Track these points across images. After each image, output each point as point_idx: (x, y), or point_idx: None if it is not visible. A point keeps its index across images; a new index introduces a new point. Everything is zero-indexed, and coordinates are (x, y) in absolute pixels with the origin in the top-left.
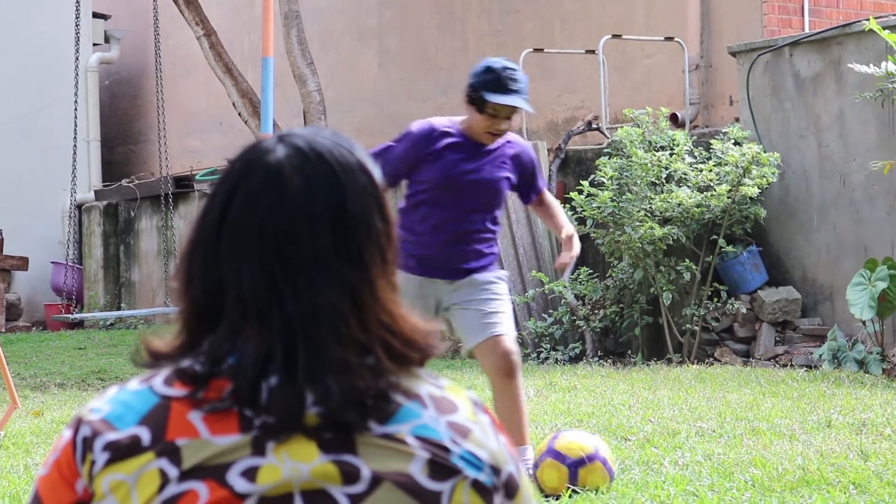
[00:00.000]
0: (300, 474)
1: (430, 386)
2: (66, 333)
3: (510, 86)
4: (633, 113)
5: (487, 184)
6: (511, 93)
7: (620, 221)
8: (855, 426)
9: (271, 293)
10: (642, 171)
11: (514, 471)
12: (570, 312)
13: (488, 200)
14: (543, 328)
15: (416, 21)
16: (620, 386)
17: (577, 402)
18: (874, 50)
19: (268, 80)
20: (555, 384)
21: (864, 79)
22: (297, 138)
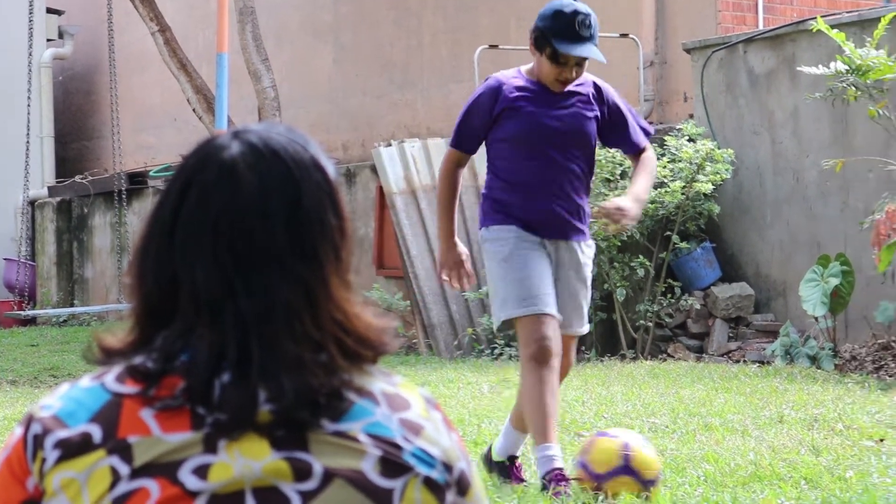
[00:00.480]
0: (252, 471)
1: (383, 383)
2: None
3: (582, 32)
4: None
5: (571, 134)
6: (582, 41)
7: None
8: (807, 421)
9: (225, 290)
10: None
11: (465, 468)
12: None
13: (575, 150)
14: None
15: (372, 17)
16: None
17: None
18: (827, 47)
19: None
20: (509, 380)
21: (817, 77)
22: (251, 134)
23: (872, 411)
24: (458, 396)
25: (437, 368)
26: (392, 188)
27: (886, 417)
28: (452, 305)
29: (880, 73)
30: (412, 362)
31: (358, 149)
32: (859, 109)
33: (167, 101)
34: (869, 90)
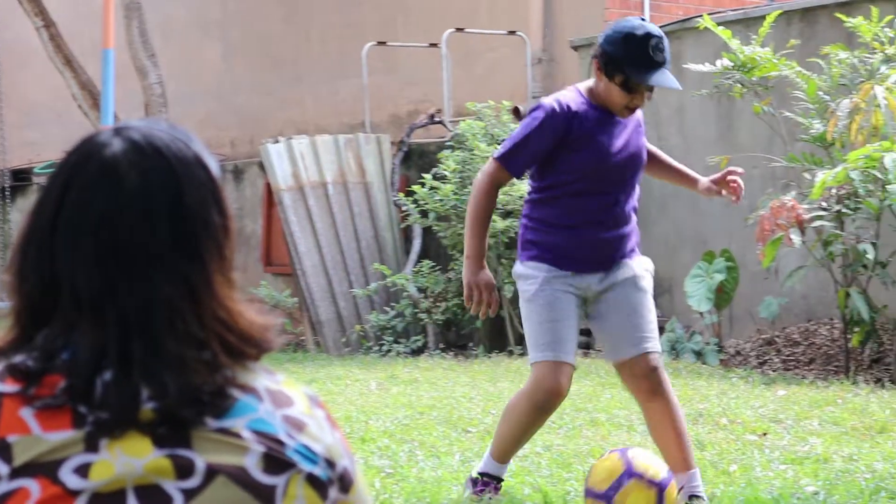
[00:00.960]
0: (133, 469)
1: (266, 380)
2: None
3: (656, 57)
4: (476, 106)
5: (635, 158)
6: (656, 66)
7: (463, 214)
8: (692, 416)
9: (106, 289)
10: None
11: (348, 465)
12: (412, 305)
13: (635, 175)
14: (385, 321)
15: (260, 13)
16: (462, 378)
17: (418, 395)
18: (713, 45)
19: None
20: (396, 377)
21: (703, 74)
22: (133, 132)
23: (756, 406)
24: (345, 393)
25: (324, 365)
26: (280, 185)
27: (769, 412)
28: (340, 302)
29: (765, 70)
30: (300, 359)
31: (246, 145)
32: (744, 107)
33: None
34: (754, 87)
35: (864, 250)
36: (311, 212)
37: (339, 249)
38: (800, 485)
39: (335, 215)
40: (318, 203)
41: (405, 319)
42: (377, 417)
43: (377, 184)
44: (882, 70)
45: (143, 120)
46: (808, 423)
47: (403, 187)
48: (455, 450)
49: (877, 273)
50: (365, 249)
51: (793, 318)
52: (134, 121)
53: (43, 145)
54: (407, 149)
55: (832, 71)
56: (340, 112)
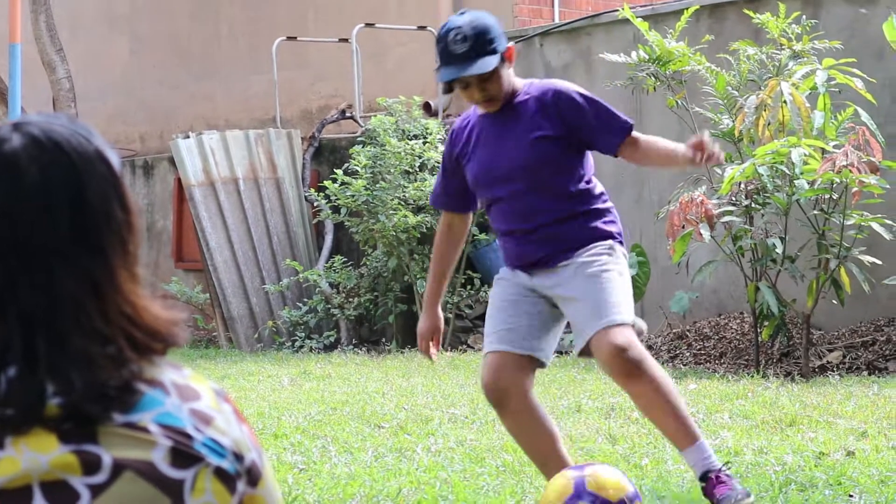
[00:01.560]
0: (39, 465)
1: (172, 374)
2: None
3: (455, 50)
4: (387, 101)
5: (529, 154)
6: (455, 60)
7: (374, 210)
8: (604, 411)
9: (8, 286)
10: (396, 160)
11: (256, 458)
12: (324, 301)
13: (537, 170)
14: (298, 317)
15: (169, 8)
16: (375, 374)
17: (331, 391)
18: (622, 40)
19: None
20: (309, 373)
21: (613, 68)
22: (32, 127)
23: None
24: (258, 389)
25: (237, 361)
26: (190, 180)
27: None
28: (252, 298)
29: (680, 63)
30: (212, 355)
31: (156, 140)
32: (654, 101)
33: None
34: (668, 81)
35: (773, 245)
36: (223, 207)
37: (251, 245)
38: None
39: (247, 211)
40: (229, 199)
41: (318, 315)
42: (290, 413)
43: (288, 179)
44: (789, 66)
45: (42, 114)
46: (719, 416)
47: (315, 183)
48: (368, 445)
49: (785, 267)
50: (277, 245)
51: (703, 312)
52: (33, 115)
53: None
54: (318, 144)
55: (741, 67)
56: (251, 107)
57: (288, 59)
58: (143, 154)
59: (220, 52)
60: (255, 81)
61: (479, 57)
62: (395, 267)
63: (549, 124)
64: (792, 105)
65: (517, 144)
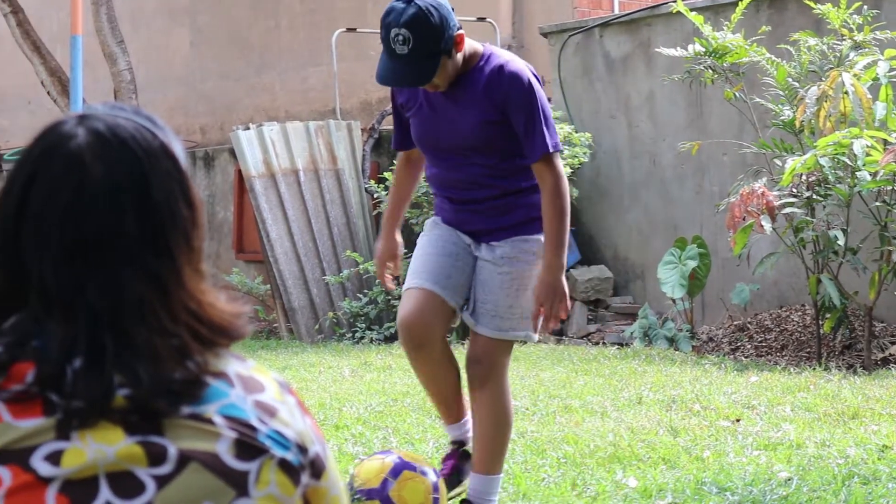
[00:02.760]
0: (105, 456)
1: (236, 366)
2: None
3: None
4: None
5: (463, 138)
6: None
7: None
8: (665, 402)
9: (75, 285)
10: None
11: (320, 451)
12: (384, 292)
13: (476, 153)
14: (358, 308)
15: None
16: None
17: (391, 382)
18: (682, 31)
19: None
20: (370, 364)
21: (672, 60)
22: (97, 121)
23: (729, 392)
24: (319, 380)
25: (298, 353)
26: (251, 172)
27: (742, 398)
28: (313, 289)
29: (737, 56)
30: (273, 347)
31: (216, 132)
32: (714, 93)
33: (21, 83)
34: (725, 73)
35: (835, 237)
36: (283, 199)
37: (311, 236)
38: (773, 471)
39: (307, 202)
40: (289, 190)
41: (378, 307)
42: (351, 404)
43: (348, 170)
44: (850, 57)
45: (107, 105)
46: (781, 409)
47: (375, 174)
48: (429, 437)
49: (847, 259)
50: (337, 236)
51: (764, 304)
52: (98, 106)
53: (12, 132)
54: (378, 135)
55: (801, 58)
56: (311, 99)
57: (347, 50)
58: (203, 146)
59: (280, 44)
60: (314, 73)
61: (417, 61)
62: None
63: (493, 109)
64: (853, 96)
65: (460, 121)
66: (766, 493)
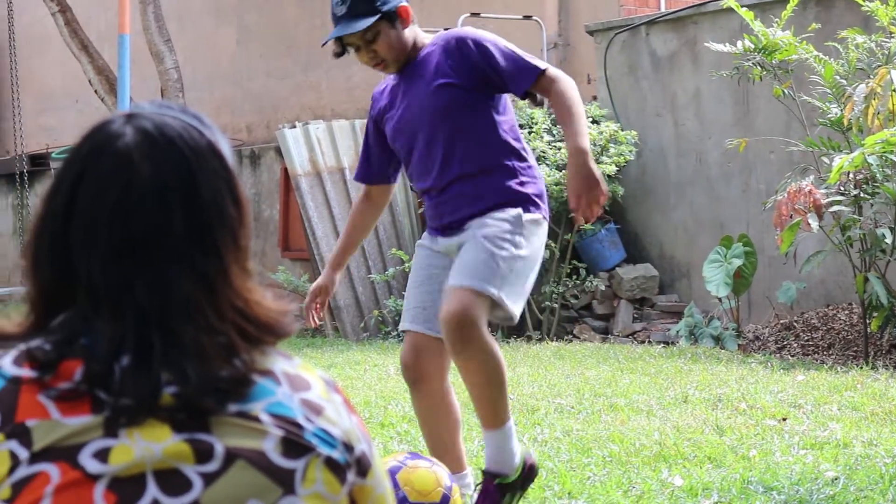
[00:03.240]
0: (153, 454)
1: (283, 364)
2: None
3: (336, 13)
4: None
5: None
6: (336, 23)
7: None
8: (711, 401)
9: (123, 283)
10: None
11: (366, 449)
12: None
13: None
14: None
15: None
16: None
17: None
18: (728, 29)
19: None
20: None
21: (719, 57)
22: (145, 120)
23: (775, 391)
24: (364, 378)
25: (343, 351)
26: (297, 170)
27: (789, 397)
28: (358, 288)
29: (786, 53)
30: (318, 344)
31: (262, 130)
32: (761, 91)
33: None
34: (774, 70)
35: (882, 235)
36: (329, 197)
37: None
38: (820, 470)
39: (353, 200)
40: (335, 188)
41: None
42: (396, 402)
43: None
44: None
45: (154, 104)
46: (828, 407)
47: None
48: (475, 435)
49: (895, 258)
50: (382, 235)
51: (811, 302)
52: (146, 105)
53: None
54: None
55: (849, 55)
56: (356, 97)
57: None
58: (249, 144)
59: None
60: (359, 71)
61: (356, 18)
62: None
63: (454, 72)
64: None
65: (423, 93)
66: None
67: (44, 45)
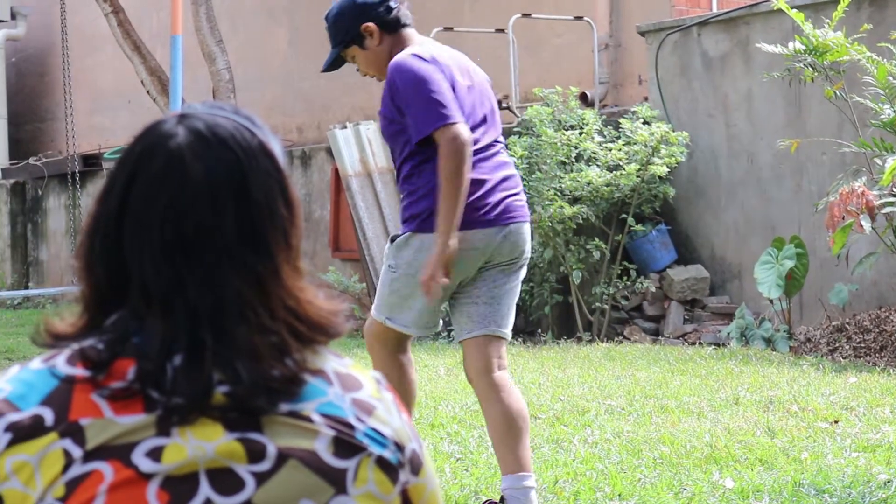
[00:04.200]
0: (205, 453)
1: (334, 363)
2: None
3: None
4: (543, 92)
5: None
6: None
7: (531, 200)
8: (762, 403)
9: (175, 283)
10: (552, 151)
11: (417, 448)
12: None
13: (389, 140)
14: None
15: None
16: (531, 364)
17: None
18: (780, 30)
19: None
20: None
21: (770, 58)
22: (197, 120)
23: (827, 393)
24: None
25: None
26: (348, 170)
27: (840, 399)
28: None
29: (837, 54)
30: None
31: (313, 131)
32: (813, 92)
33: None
34: (826, 71)
35: None
36: (379, 197)
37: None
38: (872, 473)
39: None
40: (385, 188)
41: None
42: (446, 403)
43: None
44: None
45: (206, 104)
46: (880, 410)
47: None
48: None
49: None
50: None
51: (863, 304)
52: (198, 105)
53: (112, 131)
54: None
55: None
56: None
57: None
58: (300, 144)
59: None
60: None
61: (334, 47)
62: (551, 258)
63: (385, 101)
64: None
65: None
66: (864, 496)
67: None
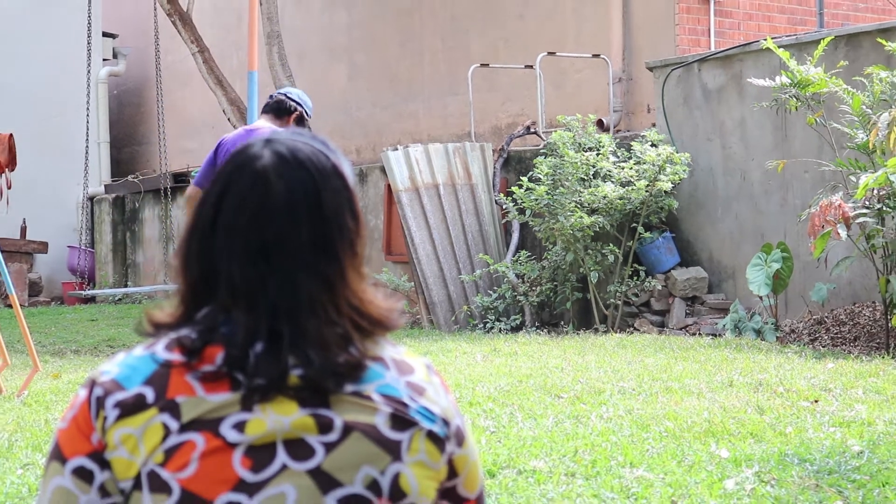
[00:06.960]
0: (282, 426)
1: (391, 351)
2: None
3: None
4: (566, 119)
5: None
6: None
7: (554, 211)
8: (752, 385)
9: (258, 283)
10: (573, 169)
11: (461, 424)
12: (511, 289)
13: None
14: (489, 302)
15: (381, 40)
16: (554, 351)
17: (517, 365)
18: (769, 66)
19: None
20: (499, 350)
21: (760, 90)
22: (281, 145)
23: (808, 376)
24: (455, 364)
25: (437, 340)
26: (399, 186)
27: (820, 382)
28: (450, 286)
29: (818, 87)
30: (416, 335)
31: (369, 153)
32: (797, 119)
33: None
34: (808, 101)
35: None
36: (426, 209)
37: (450, 241)
38: (847, 445)
39: (446, 212)
40: (431, 202)
41: (505, 301)
42: (482, 385)
43: (481, 185)
44: None
45: (288, 131)
46: (854, 391)
47: (504, 188)
48: (549, 412)
49: None
50: (471, 241)
51: (840, 301)
52: (282, 132)
53: (198, 152)
54: (506, 155)
55: (874, 88)
56: (449, 124)
57: (481, 83)
58: (358, 164)
59: (424, 77)
60: (452, 102)
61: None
62: (572, 261)
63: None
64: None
65: None
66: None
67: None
